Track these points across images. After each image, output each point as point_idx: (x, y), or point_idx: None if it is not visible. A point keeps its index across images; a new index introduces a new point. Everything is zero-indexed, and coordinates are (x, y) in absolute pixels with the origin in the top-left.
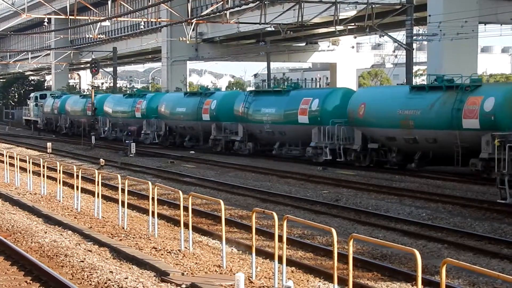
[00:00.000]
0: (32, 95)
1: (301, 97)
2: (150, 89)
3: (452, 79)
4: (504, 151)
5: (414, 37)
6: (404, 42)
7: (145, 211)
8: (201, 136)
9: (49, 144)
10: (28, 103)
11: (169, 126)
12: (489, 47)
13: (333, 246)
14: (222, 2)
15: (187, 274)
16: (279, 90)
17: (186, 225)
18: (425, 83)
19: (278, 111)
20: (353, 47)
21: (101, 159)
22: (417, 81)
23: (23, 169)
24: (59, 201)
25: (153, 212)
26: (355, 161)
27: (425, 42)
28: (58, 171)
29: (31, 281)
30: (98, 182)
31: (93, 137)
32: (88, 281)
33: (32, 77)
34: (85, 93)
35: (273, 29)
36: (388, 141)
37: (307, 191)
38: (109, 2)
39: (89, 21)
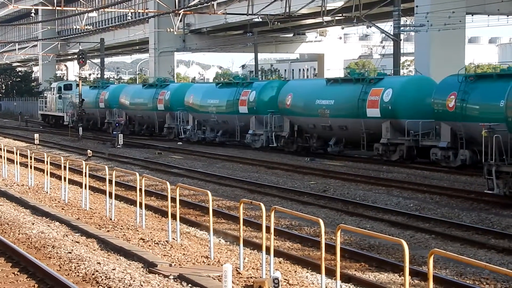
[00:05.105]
0: (53, 85)
1: None
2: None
3: None
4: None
5: (402, 28)
6: (392, 33)
7: (132, 202)
8: (364, 138)
9: (36, 136)
10: (46, 94)
11: (300, 125)
12: (477, 38)
13: (320, 237)
14: None
15: (174, 265)
16: None
17: (173, 216)
18: None
19: None
20: (340, 38)
21: (89, 150)
22: (404, 72)
23: (10, 161)
24: (47, 193)
25: (140, 203)
26: None
27: (413, 33)
28: (45, 162)
29: (18, 273)
30: (85, 173)
31: (80, 129)
32: (75, 272)
33: (19, 68)
34: (152, 82)
35: (261, 20)
36: None
37: (294, 182)
38: None
39: (77, 12)
